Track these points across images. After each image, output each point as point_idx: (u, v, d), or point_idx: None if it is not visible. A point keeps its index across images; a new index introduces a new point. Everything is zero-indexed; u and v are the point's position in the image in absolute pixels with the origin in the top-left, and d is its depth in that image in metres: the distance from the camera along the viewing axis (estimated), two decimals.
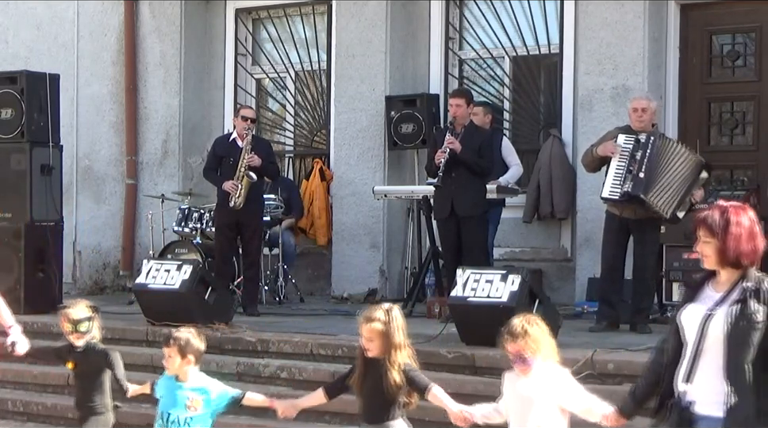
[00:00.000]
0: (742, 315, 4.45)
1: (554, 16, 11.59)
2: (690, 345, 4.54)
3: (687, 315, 4.60)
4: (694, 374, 4.52)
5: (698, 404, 4.51)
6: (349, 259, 12.03)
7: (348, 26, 12.23)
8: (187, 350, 6.11)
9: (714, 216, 4.56)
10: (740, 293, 4.49)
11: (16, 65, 13.23)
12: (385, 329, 5.71)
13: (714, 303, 4.53)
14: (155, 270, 9.81)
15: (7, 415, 9.36)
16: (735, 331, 4.44)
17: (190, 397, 6.06)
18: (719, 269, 4.58)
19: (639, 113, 9.18)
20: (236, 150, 10.63)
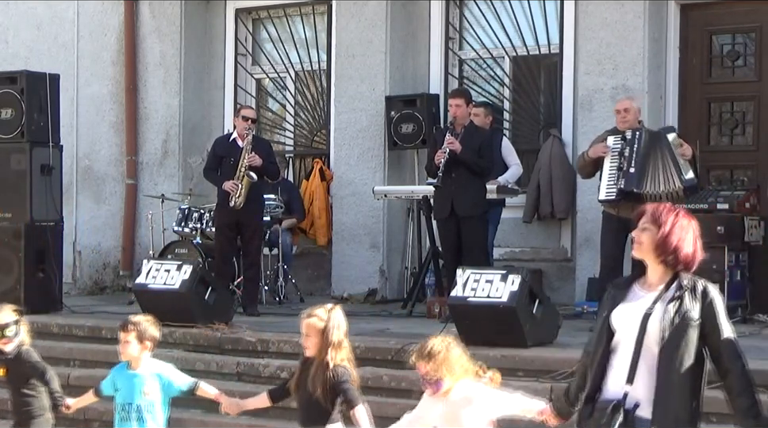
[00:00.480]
0: (678, 314, 4.47)
1: (554, 16, 11.59)
2: (628, 345, 4.52)
3: (621, 315, 4.58)
4: (635, 374, 4.48)
5: (641, 405, 4.47)
6: (349, 259, 12.03)
7: (348, 26, 12.23)
8: (145, 336, 6.20)
9: (663, 209, 4.59)
10: (675, 291, 4.52)
11: (16, 65, 13.23)
12: (322, 326, 5.72)
13: (652, 302, 4.52)
14: (155, 270, 9.81)
15: (7, 415, 9.34)
16: (672, 329, 4.46)
17: (146, 383, 6.15)
18: (651, 261, 4.58)
19: (623, 114, 9.33)
20: (237, 150, 10.63)
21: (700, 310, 4.49)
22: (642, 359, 4.48)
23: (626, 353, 4.52)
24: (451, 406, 5.14)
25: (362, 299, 11.79)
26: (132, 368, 6.21)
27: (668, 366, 4.44)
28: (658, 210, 4.61)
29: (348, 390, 5.65)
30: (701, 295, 4.51)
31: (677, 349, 4.45)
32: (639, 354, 4.48)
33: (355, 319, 10.43)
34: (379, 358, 8.39)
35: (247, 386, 8.12)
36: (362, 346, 8.71)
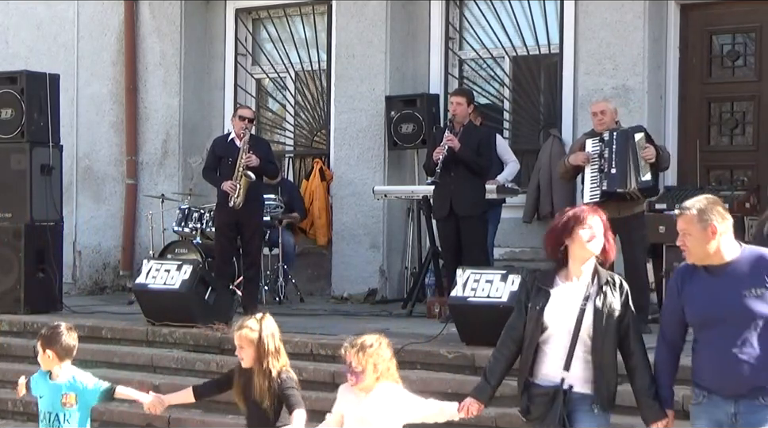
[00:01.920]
0: (605, 306, 5.23)
1: (554, 16, 11.59)
2: (563, 336, 5.23)
3: (554, 309, 5.26)
4: (571, 362, 5.21)
5: (575, 387, 5.21)
6: (349, 259, 12.03)
7: (348, 26, 12.23)
8: (47, 345, 6.19)
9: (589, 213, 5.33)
10: (600, 286, 5.27)
11: (16, 65, 13.23)
12: (255, 337, 5.80)
13: (583, 298, 5.24)
14: (155, 270, 9.82)
15: (7, 415, 9.36)
16: (601, 321, 5.21)
17: (64, 393, 6.17)
18: (586, 259, 5.30)
19: (599, 117, 9.33)
20: (235, 150, 10.63)
21: (620, 301, 5.27)
22: (577, 348, 5.21)
23: (560, 344, 5.25)
24: (368, 402, 5.40)
25: (362, 299, 11.79)
26: (53, 377, 6.23)
27: (601, 352, 5.20)
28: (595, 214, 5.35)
29: (291, 395, 5.81)
30: (619, 288, 5.30)
31: (607, 337, 5.22)
32: (575, 344, 5.21)
33: (355, 319, 10.50)
34: None
35: None
36: None
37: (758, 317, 4.99)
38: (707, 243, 5.10)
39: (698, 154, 10.60)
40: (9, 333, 10.42)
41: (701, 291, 5.14)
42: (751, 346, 4.99)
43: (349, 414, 5.48)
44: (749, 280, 5.02)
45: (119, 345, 9.73)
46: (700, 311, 5.13)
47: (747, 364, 4.98)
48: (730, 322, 5.02)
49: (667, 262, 9.80)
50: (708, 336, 5.09)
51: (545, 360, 5.28)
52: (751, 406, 5.00)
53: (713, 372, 5.07)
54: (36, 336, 10.15)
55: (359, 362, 5.39)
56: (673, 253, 9.73)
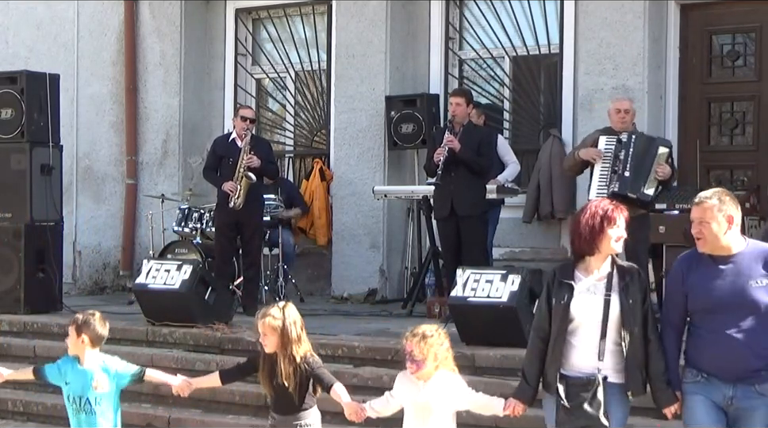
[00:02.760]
0: (629, 297, 5.39)
1: (554, 16, 11.59)
2: (592, 328, 5.39)
3: (580, 303, 5.42)
4: (603, 352, 5.37)
5: (610, 377, 5.37)
6: (349, 259, 12.03)
7: (348, 26, 12.23)
8: (83, 330, 6.34)
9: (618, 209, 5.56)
10: (622, 277, 5.44)
11: (16, 65, 13.24)
12: (279, 324, 6.03)
13: (605, 289, 5.42)
14: (155, 270, 9.82)
15: (7, 415, 9.36)
16: (628, 311, 5.37)
17: (95, 377, 6.32)
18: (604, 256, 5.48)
19: (622, 115, 9.16)
20: (236, 150, 10.63)
21: (640, 290, 5.43)
22: (608, 339, 5.36)
23: (590, 335, 5.40)
24: (429, 390, 5.59)
25: (362, 299, 11.79)
26: (81, 363, 6.39)
27: (632, 342, 5.37)
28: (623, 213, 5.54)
29: (322, 374, 6.10)
30: (639, 278, 5.47)
31: (635, 326, 5.38)
32: (605, 335, 5.36)
33: (355, 319, 10.50)
34: (379, 358, 8.39)
35: (247, 386, 8.11)
36: (362, 346, 8.72)
37: (761, 305, 5.25)
38: (723, 233, 5.31)
39: (698, 154, 10.60)
40: (9, 333, 10.42)
41: (707, 279, 5.36)
42: (752, 333, 5.25)
43: (408, 401, 5.68)
44: (754, 270, 5.29)
45: (119, 345, 9.70)
46: (704, 298, 5.35)
47: (748, 349, 5.24)
48: (733, 310, 5.27)
49: (667, 262, 9.79)
50: (710, 322, 5.34)
51: (574, 352, 5.43)
52: (747, 391, 5.28)
53: (714, 356, 5.32)
54: (36, 336, 10.22)
55: (421, 351, 5.56)
56: (673, 253, 9.73)
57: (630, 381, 5.41)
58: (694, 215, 5.38)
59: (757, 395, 5.27)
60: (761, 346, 5.25)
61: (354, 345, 8.75)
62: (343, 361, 8.59)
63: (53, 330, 10.00)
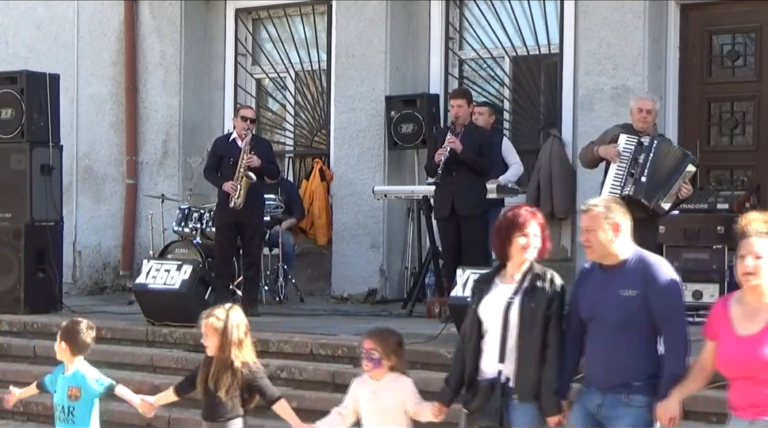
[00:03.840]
0: (532, 300, 5.38)
1: (554, 16, 11.59)
2: (496, 331, 5.41)
3: (486, 306, 5.47)
4: (505, 355, 5.38)
5: (511, 381, 5.38)
6: (349, 259, 12.03)
7: (348, 26, 12.23)
8: (64, 337, 6.46)
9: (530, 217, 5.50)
10: (530, 281, 5.43)
11: (16, 65, 13.24)
12: (221, 326, 5.98)
13: (512, 292, 5.42)
14: (155, 270, 9.82)
15: (7, 415, 9.36)
16: (527, 314, 5.36)
17: (70, 386, 6.39)
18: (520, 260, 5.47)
19: (644, 114, 9.03)
20: (236, 150, 10.63)
21: (548, 294, 5.40)
22: (508, 342, 5.39)
23: (494, 338, 5.41)
24: (382, 389, 5.72)
25: (362, 299, 11.79)
26: (65, 371, 6.46)
27: (525, 345, 5.37)
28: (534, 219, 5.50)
29: (266, 386, 6.05)
30: (550, 282, 5.44)
31: (532, 330, 5.36)
32: (506, 338, 5.39)
33: (355, 319, 10.49)
34: None
35: None
36: None
37: (629, 315, 5.22)
38: (610, 240, 5.31)
39: (698, 155, 10.54)
40: (9, 333, 10.42)
41: (591, 288, 5.40)
42: (623, 343, 5.21)
43: (364, 402, 5.76)
44: (628, 279, 5.26)
45: (119, 345, 9.73)
46: (585, 306, 5.39)
47: (615, 359, 5.22)
48: (607, 319, 5.27)
49: None
50: (591, 331, 5.36)
51: (483, 356, 5.48)
52: (615, 400, 5.23)
53: (589, 365, 5.37)
54: (36, 336, 10.22)
55: (377, 351, 5.68)
56: (673, 253, 9.73)
57: (518, 384, 5.39)
58: (582, 223, 5.38)
59: (624, 405, 5.21)
60: (630, 357, 5.20)
61: (354, 345, 8.71)
62: (343, 361, 8.58)
63: (53, 330, 9.93)
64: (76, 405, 6.34)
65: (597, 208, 5.36)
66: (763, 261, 4.83)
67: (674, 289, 5.26)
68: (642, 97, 9.40)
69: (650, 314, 5.19)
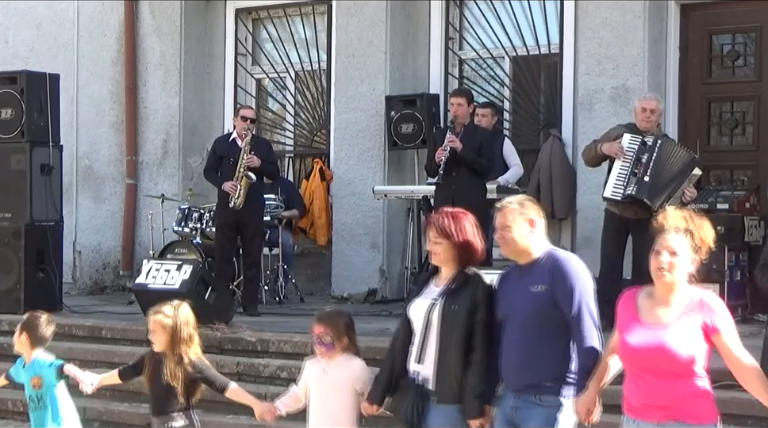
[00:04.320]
0: (455, 302, 5.31)
1: (554, 16, 11.59)
2: (419, 332, 5.38)
3: (414, 307, 5.46)
4: (423, 356, 5.35)
5: (429, 382, 5.34)
6: (349, 259, 12.03)
7: (348, 26, 12.23)
8: (24, 329, 6.63)
9: (446, 221, 5.41)
10: (456, 284, 5.36)
11: (16, 65, 13.24)
12: (170, 323, 6.08)
13: (437, 294, 5.38)
14: (155, 270, 9.82)
15: (7, 415, 9.36)
16: (449, 316, 5.30)
17: (31, 376, 6.60)
18: (445, 266, 5.41)
19: (648, 114, 9.09)
20: (236, 150, 10.64)
21: (472, 297, 5.32)
22: (427, 343, 5.34)
23: (418, 339, 5.39)
24: (332, 367, 5.78)
25: (362, 299, 11.79)
26: (26, 363, 6.68)
27: (445, 347, 5.30)
28: (443, 223, 5.40)
29: (214, 376, 6.21)
30: (476, 285, 5.36)
31: (453, 332, 5.29)
32: (426, 339, 5.34)
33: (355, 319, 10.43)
34: (379, 358, 8.29)
35: (247, 386, 8.10)
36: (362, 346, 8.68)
37: (537, 313, 5.13)
38: (526, 235, 5.25)
39: (698, 154, 10.59)
40: (10, 333, 10.37)
41: (506, 286, 5.35)
42: (531, 343, 5.13)
43: (314, 383, 5.82)
44: (537, 277, 5.18)
45: (119, 345, 9.73)
46: (500, 305, 5.31)
47: (526, 359, 5.13)
48: (518, 319, 5.18)
49: None
50: (505, 331, 5.25)
51: (409, 357, 5.46)
52: (527, 401, 5.15)
53: (503, 366, 5.24)
54: None
55: (328, 335, 5.75)
56: None
57: (438, 386, 5.33)
58: (497, 221, 5.33)
59: (536, 406, 5.13)
60: (540, 357, 5.12)
61: None
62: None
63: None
64: (42, 393, 6.53)
65: (511, 204, 5.34)
66: (678, 258, 4.75)
67: (582, 283, 5.14)
68: (646, 96, 9.44)
69: (560, 310, 5.11)
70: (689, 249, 4.78)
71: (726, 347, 4.72)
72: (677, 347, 4.65)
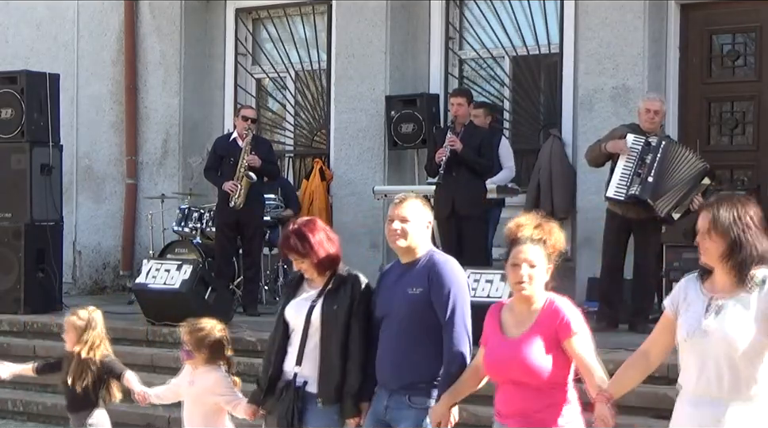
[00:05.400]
0: (334, 303, 5.35)
1: (554, 16, 11.59)
2: (298, 334, 5.39)
3: (292, 309, 5.46)
4: (303, 357, 5.35)
5: (309, 383, 5.34)
6: (349, 259, 11.87)
7: (348, 26, 12.23)
8: None
9: (293, 241, 5.41)
10: (334, 284, 5.41)
11: (16, 65, 13.23)
12: (82, 325, 6.50)
13: (316, 296, 5.42)
14: (155, 270, 9.83)
15: (7, 415, 9.37)
16: (329, 318, 5.33)
17: None
18: (315, 275, 5.45)
19: (652, 115, 9.11)
20: (237, 149, 10.64)
21: (350, 296, 5.37)
22: (308, 344, 5.36)
23: (297, 341, 5.39)
24: (197, 378, 6.01)
25: None
26: None
27: (328, 348, 5.32)
28: (294, 246, 5.42)
29: (113, 364, 6.53)
30: (352, 286, 5.40)
31: (333, 334, 5.32)
32: (306, 341, 5.36)
33: None
34: None
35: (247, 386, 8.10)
36: None
37: (410, 314, 5.16)
38: (418, 235, 5.29)
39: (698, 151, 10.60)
40: (10, 333, 10.42)
41: (385, 285, 5.39)
42: (406, 344, 5.15)
43: (184, 388, 6.11)
44: (415, 279, 5.20)
45: (119, 345, 9.67)
46: (377, 304, 5.35)
47: (400, 359, 5.16)
48: (393, 319, 5.22)
49: (667, 262, 9.80)
50: (382, 331, 5.28)
51: (287, 358, 5.45)
52: (399, 402, 5.17)
53: (377, 366, 5.27)
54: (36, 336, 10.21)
55: (189, 342, 5.96)
56: (672, 253, 9.74)
57: (321, 387, 5.33)
58: (398, 212, 5.41)
59: (407, 407, 5.15)
60: (412, 358, 5.14)
61: None
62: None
63: (53, 330, 9.99)
64: None
65: (415, 199, 5.48)
66: (536, 270, 4.77)
67: (457, 288, 5.16)
68: (650, 97, 9.46)
69: (435, 312, 5.13)
70: (544, 258, 4.82)
71: (574, 353, 4.73)
72: (530, 359, 4.69)
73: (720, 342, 4.19)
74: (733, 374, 4.18)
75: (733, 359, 4.18)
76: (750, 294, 4.24)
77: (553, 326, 4.73)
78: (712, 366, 4.21)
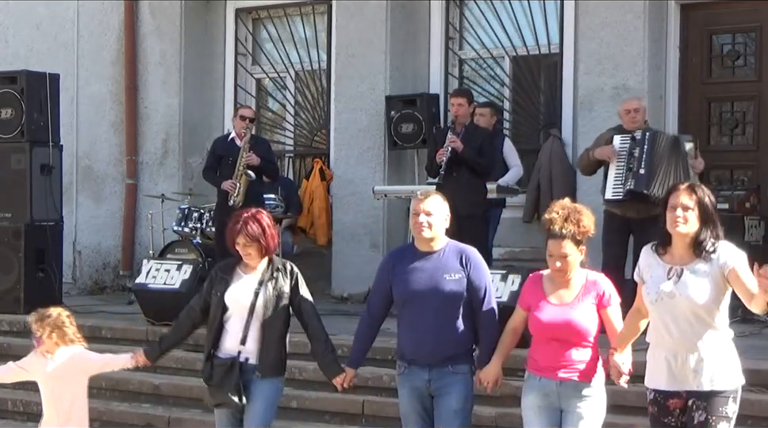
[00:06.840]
0: (275, 289, 6.23)
1: (554, 16, 11.59)
2: (241, 316, 6.19)
3: (233, 293, 6.23)
4: (246, 337, 6.19)
5: (251, 359, 6.20)
6: (349, 259, 12.03)
7: (348, 26, 12.23)
8: None
9: (252, 227, 6.18)
10: (273, 273, 6.24)
11: (16, 65, 13.24)
12: None
13: (258, 282, 6.22)
14: (155, 270, 9.83)
15: (7, 415, 9.37)
16: (272, 301, 6.20)
17: None
18: (257, 261, 6.23)
19: (632, 115, 9.21)
20: (235, 149, 10.64)
21: (290, 284, 6.29)
22: (251, 326, 6.18)
23: (239, 322, 6.20)
24: (53, 364, 6.37)
25: (362, 299, 11.75)
26: None
27: (270, 329, 6.21)
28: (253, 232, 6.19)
29: None
30: (290, 273, 6.31)
31: (275, 316, 6.21)
32: (250, 323, 6.18)
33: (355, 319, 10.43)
34: (379, 358, 8.38)
35: None
36: None
37: (451, 296, 5.99)
38: (440, 227, 6.12)
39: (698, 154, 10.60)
40: (9, 333, 10.43)
41: (409, 271, 6.08)
42: (446, 321, 5.99)
43: (39, 375, 6.44)
44: (450, 266, 6.06)
45: (119, 345, 9.71)
46: (404, 288, 6.07)
47: (442, 336, 5.98)
48: (427, 300, 6.00)
49: None
50: (408, 312, 6.08)
51: (226, 337, 6.26)
52: (441, 373, 5.99)
53: (412, 344, 6.07)
54: None
55: (38, 329, 6.37)
56: None
57: (261, 362, 6.20)
58: (419, 205, 6.10)
59: (452, 374, 5.99)
60: (453, 333, 5.99)
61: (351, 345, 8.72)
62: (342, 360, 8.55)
63: None
64: None
65: (436, 194, 6.26)
66: (570, 257, 5.78)
67: (487, 272, 6.17)
68: (626, 99, 9.65)
69: (471, 293, 6.02)
70: (575, 249, 5.79)
71: (608, 319, 5.80)
72: (580, 322, 5.72)
73: (685, 302, 5.29)
74: (699, 321, 5.32)
75: (698, 314, 5.30)
76: (707, 263, 5.35)
77: (597, 296, 5.80)
78: (682, 320, 5.31)
